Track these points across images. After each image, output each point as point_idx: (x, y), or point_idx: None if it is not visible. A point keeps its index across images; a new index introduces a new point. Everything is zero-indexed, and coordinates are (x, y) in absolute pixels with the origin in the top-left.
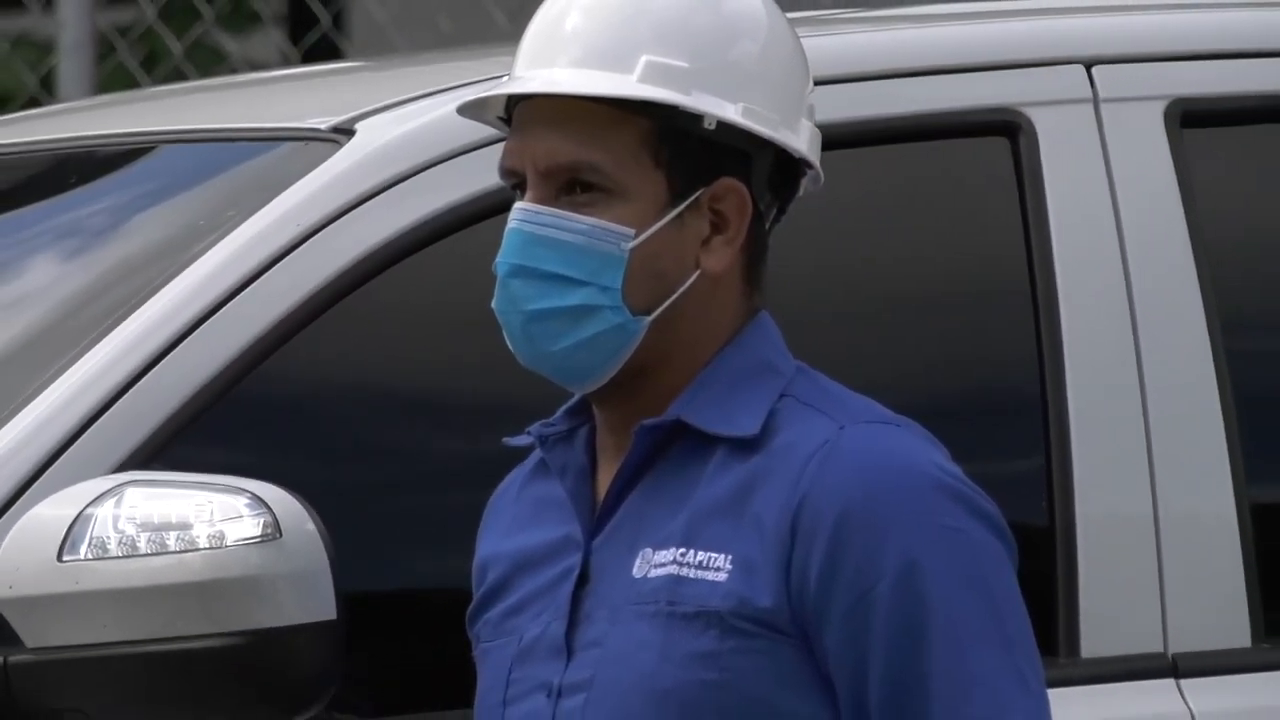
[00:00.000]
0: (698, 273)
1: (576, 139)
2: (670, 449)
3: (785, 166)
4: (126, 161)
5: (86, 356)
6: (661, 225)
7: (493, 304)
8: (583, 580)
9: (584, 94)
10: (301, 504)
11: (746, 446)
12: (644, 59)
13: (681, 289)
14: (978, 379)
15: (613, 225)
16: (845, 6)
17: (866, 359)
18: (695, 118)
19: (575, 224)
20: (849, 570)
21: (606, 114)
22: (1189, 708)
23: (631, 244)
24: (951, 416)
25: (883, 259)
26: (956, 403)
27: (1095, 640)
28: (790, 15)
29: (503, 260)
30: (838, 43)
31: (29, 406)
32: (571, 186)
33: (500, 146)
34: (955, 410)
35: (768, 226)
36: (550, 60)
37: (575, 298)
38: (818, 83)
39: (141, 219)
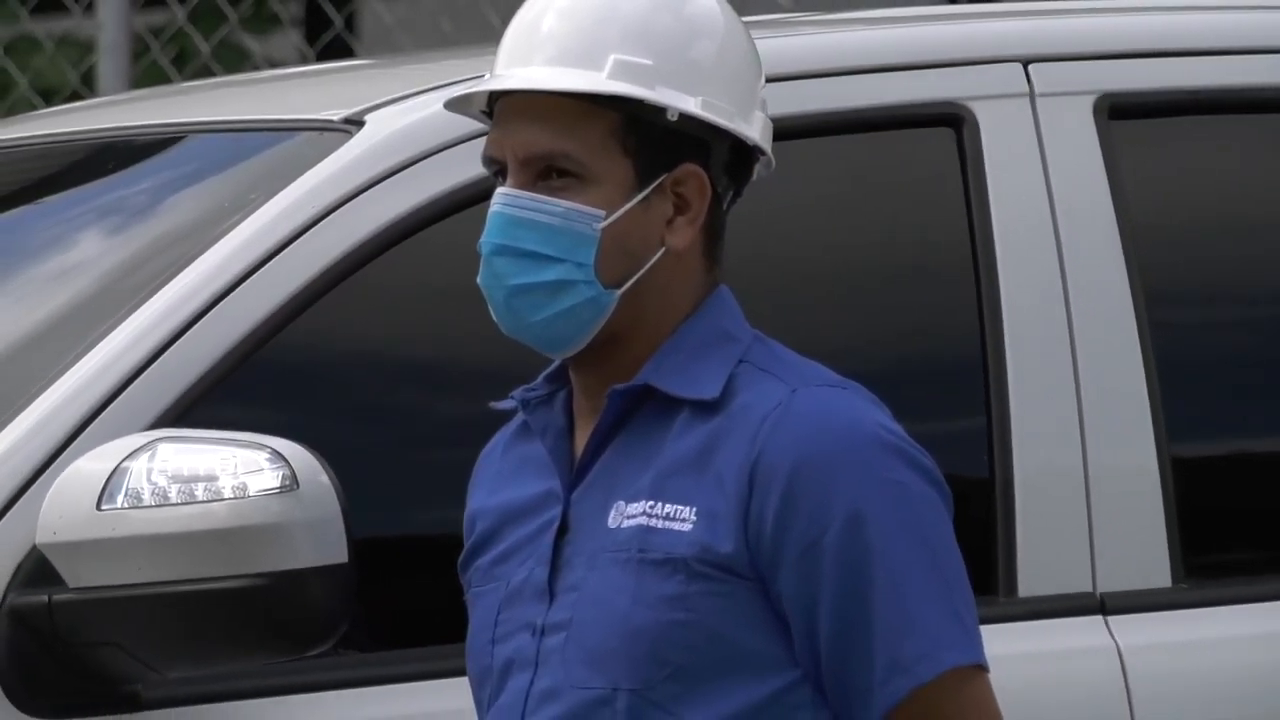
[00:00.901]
0: (662, 250)
1: (552, 130)
2: (639, 411)
3: (740, 153)
4: (159, 149)
5: (123, 325)
6: (629, 207)
7: (478, 279)
8: (562, 530)
9: (558, 90)
10: (316, 458)
11: (708, 408)
12: (613, 58)
13: (648, 264)
14: (926, 347)
15: (585, 208)
16: (803, 10)
17: (825, 329)
18: (659, 110)
19: (551, 207)
20: (801, 520)
21: (579, 107)
22: (1115, 641)
23: (602, 224)
24: (903, 382)
25: (840, 237)
26: (907, 369)
27: (1031, 581)
28: (752, 18)
29: (486, 240)
30: (799, 43)
31: (71, 370)
32: (548, 173)
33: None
34: (906, 376)
35: (725, 207)
36: (527, 59)
37: (552, 273)
38: (783, 80)
39: (172, 201)
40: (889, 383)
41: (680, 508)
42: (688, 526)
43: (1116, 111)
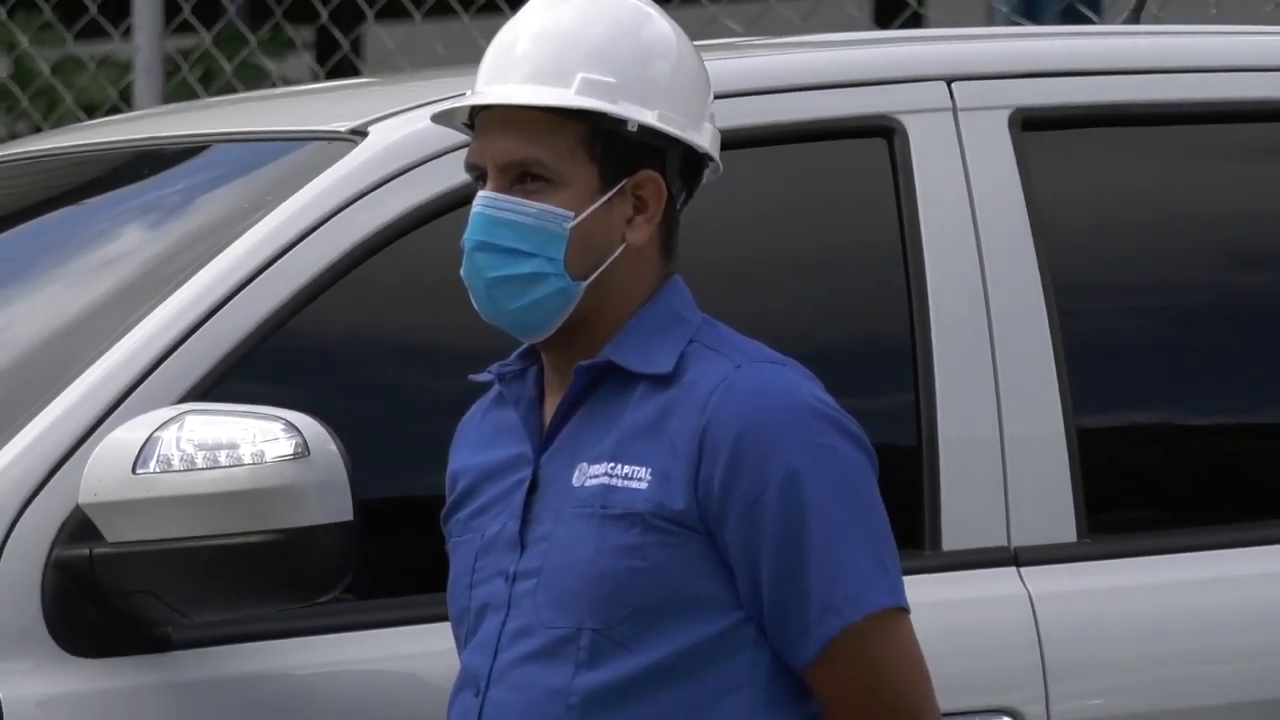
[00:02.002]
0: (623, 245)
1: (526, 140)
2: (602, 384)
3: (692, 160)
4: (188, 157)
5: (155, 312)
6: (594, 208)
7: (461, 272)
8: (533, 488)
9: (532, 104)
10: (325, 428)
11: (662, 382)
12: (580, 76)
13: (611, 258)
14: (862, 330)
15: (556, 209)
16: (754, 35)
17: (773, 314)
18: (621, 122)
19: (526, 208)
20: (744, 480)
21: (550, 120)
22: (1027, 590)
23: (571, 224)
24: (842, 361)
25: (786, 234)
26: (845, 350)
27: (953, 536)
28: (708, 41)
29: (469, 237)
30: (750, 63)
31: (110, 351)
32: (523, 178)
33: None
34: (844, 356)
35: (679, 207)
36: (504, 77)
37: (527, 267)
38: (736, 96)
39: (198, 202)
40: (830, 362)
41: (638, 469)
42: (644, 485)
43: (1029, 124)
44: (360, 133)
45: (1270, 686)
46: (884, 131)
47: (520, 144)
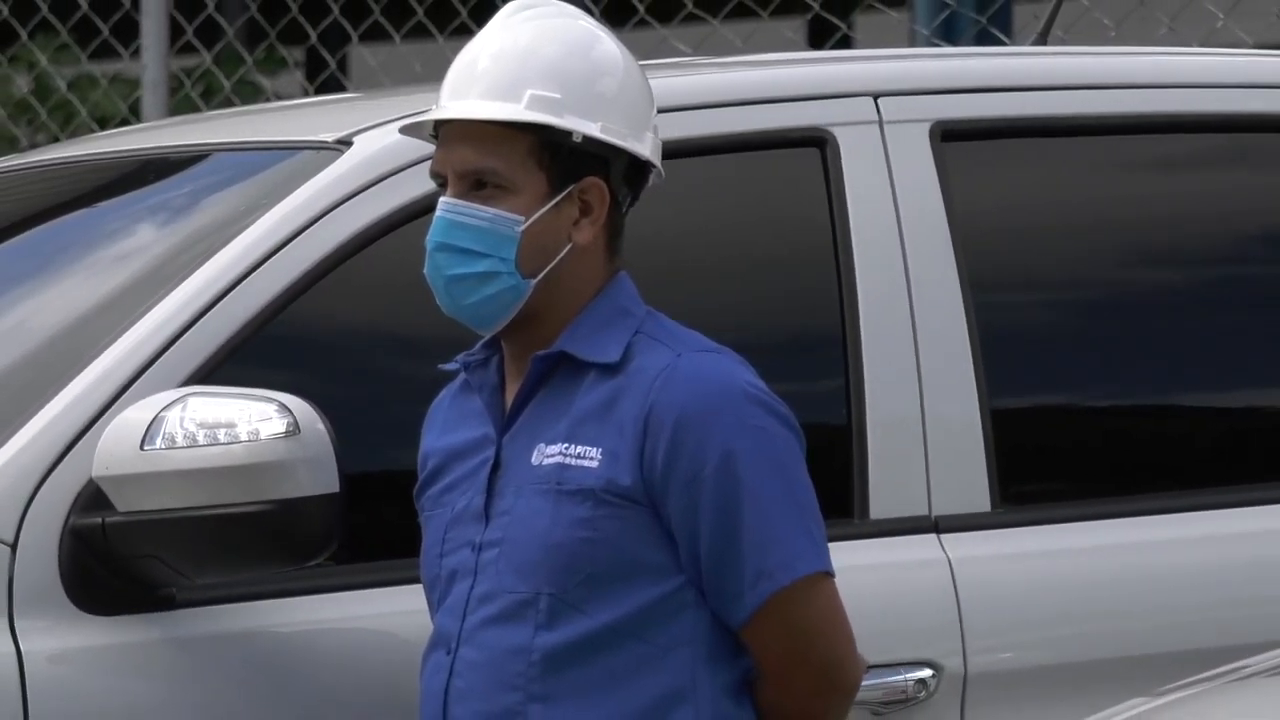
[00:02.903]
0: (570, 245)
1: (481, 150)
2: (556, 372)
3: (636, 167)
4: (190, 164)
5: (161, 304)
6: (543, 212)
7: (424, 270)
8: (496, 467)
9: (485, 118)
10: (314, 409)
11: (611, 370)
12: (529, 92)
13: (559, 258)
14: (796, 322)
15: (508, 214)
16: (699, 55)
17: (717, 309)
18: (567, 133)
19: (481, 213)
20: (684, 458)
21: (502, 132)
22: (946, 554)
23: (522, 227)
24: (779, 350)
25: (729, 234)
26: (782, 340)
27: (880, 506)
28: (658, 60)
29: (430, 238)
30: (695, 80)
31: (121, 339)
32: (479, 184)
33: None
34: (782, 345)
35: (624, 210)
36: (465, 93)
37: (482, 266)
38: (683, 110)
39: (200, 205)
40: (768, 351)
41: (589, 449)
42: (595, 464)
43: (948, 135)
44: (345, 143)
45: (1164, 641)
46: (817, 142)
47: (476, 154)
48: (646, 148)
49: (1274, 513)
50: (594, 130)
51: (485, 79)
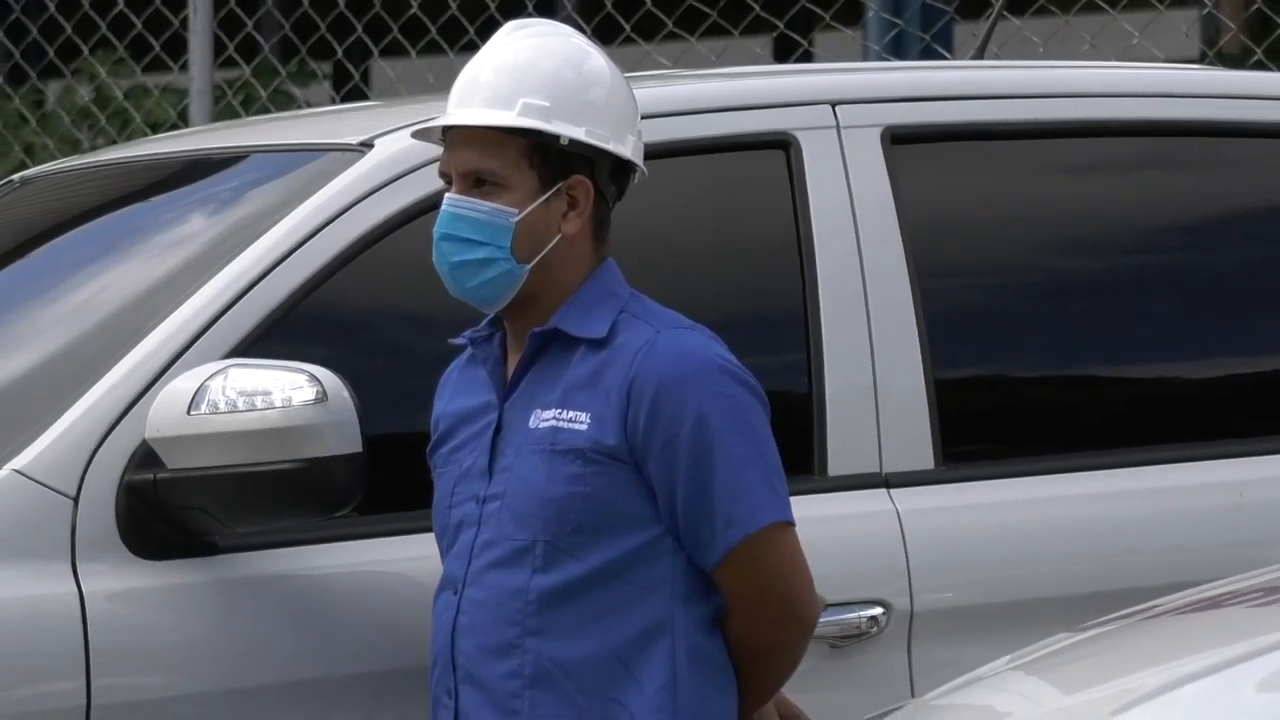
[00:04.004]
0: (560, 235)
1: (481, 153)
2: (551, 346)
3: (621, 166)
4: (231, 164)
5: (206, 286)
6: (535, 206)
7: (433, 258)
8: (498, 430)
9: (484, 124)
10: (340, 379)
11: (598, 344)
12: (521, 101)
13: (549, 246)
14: (765, 305)
15: (504, 207)
16: (679, 69)
17: (694, 292)
18: (555, 136)
19: (480, 206)
20: (663, 422)
21: (499, 136)
22: (895, 506)
23: (516, 219)
24: (750, 329)
25: (705, 226)
26: (753, 320)
27: (837, 464)
28: (641, 73)
29: (437, 230)
30: (675, 90)
31: (170, 318)
32: (480, 182)
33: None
34: (752, 325)
35: (610, 204)
36: (468, 102)
37: (481, 253)
38: (664, 116)
39: (240, 199)
40: (740, 329)
41: (579, 414)
42: (585, 427)
43: (897, 139)
44: (368, 145)
45: (1086, 583)
46: (782, 145)
47: (476, 156)
48: (628, 149)
49: (1183, 470)
50: (579, 134)
51: (486, 90)
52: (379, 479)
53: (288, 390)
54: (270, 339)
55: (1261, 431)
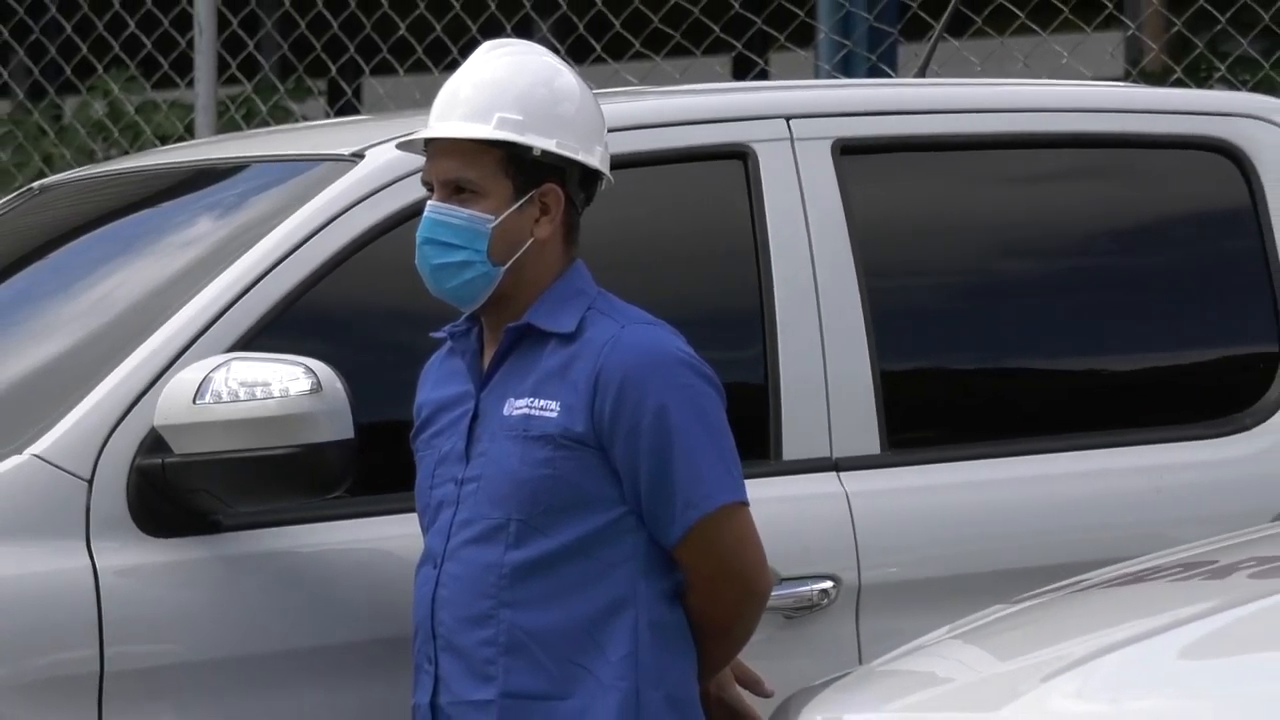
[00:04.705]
0: (533, 239)
1: (460, 163)
2: (524, 341)
3: (589, 174)
4: (234, 173)
5: (210, 285)
6: (509, 213)
7: (415, 261)
8: (475, 417)
9: (462, 137)
10: (333, 371)
11: (568, 338)
12: (497, 115)
13: (523, 249)
14: (725, 302)
15: (480, 214)
16: (645, 85)
17: (659, 292)
18: (528, 148)
19: (459, 213)
20: (626, 411)
21: (476, 147)
22: (844, 488)
23: (492, 225)
24: (711, 326)
25: (670, 230)
26: (713, 316)
27: (791, 449)
28: (610, 90)
29: (420, 234)
30: (643, 104)
31: (177, 314)
32: (459, 190)
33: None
34: (713, 322)
35: (580, 210)
36: (447, 116)
37: (459, 256)
38: (632, 129)
39: (242, 206)
40: (703, 325)
41: (550, 402)
42: (554, 414)
43: (846, 150)
44: (359, 155)
45: (1019, 559)
46: (741, 156)
47: (456, 166)
48: (596, 159)
49: (1108, 455)
50: (551, 145)
51: (465, 105)
52: (368, 463)
53: (285, 381)
54: (269, 334)
55: (1179, 420)
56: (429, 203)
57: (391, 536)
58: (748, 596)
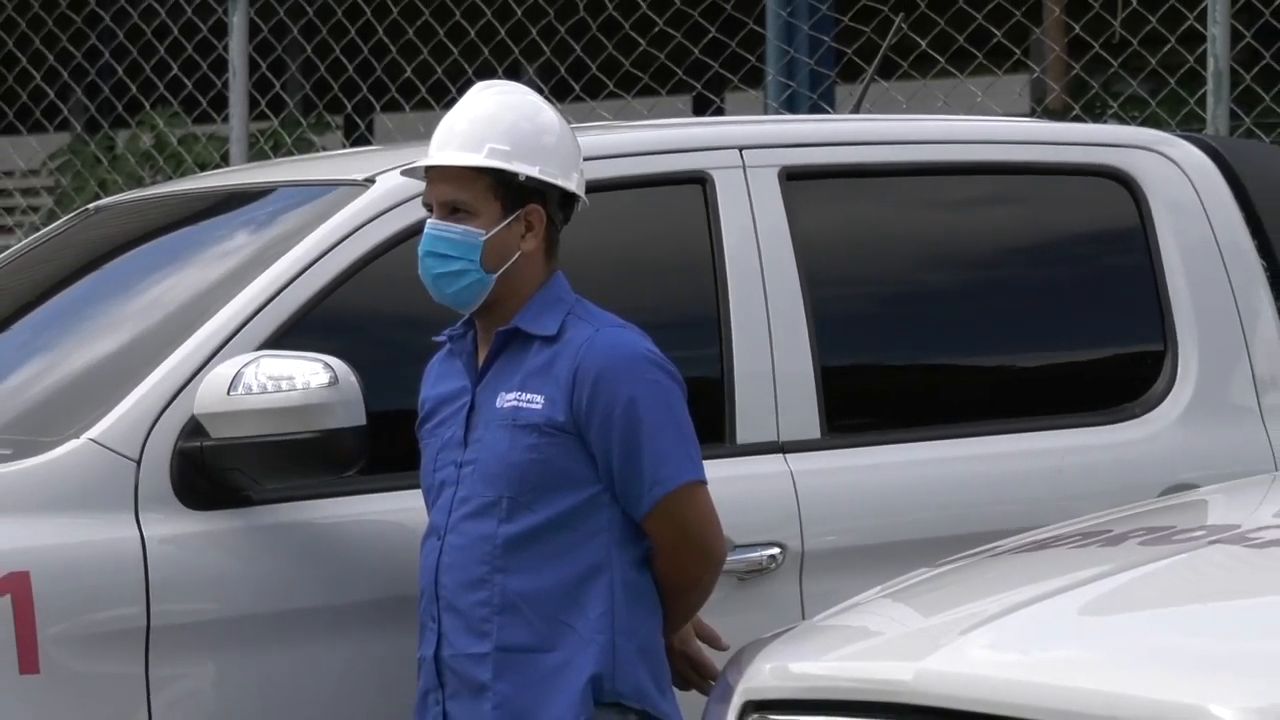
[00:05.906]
0: (519, 252)
1: (455, 187)
2: (512, 342)
3: (567, 197)
4: (261, 195)
5: (241, 293)
6: (499, 229)
7: (418, 271)
8: (472, 409)
9: (458, 164)
10: (349, 367)
11: (550, 340)
12: (487, 145)
13: (511, 260)
14: (686, 311)
15: (474, 230)
16: (618, 120)
17: (630, 300)
18: (515, 174)
19: (455, 229)
20: (601, 403)
21: (469, 173)
22: (789, 467)
23: (484, 239)
24: (674, 329)
25: (636, 247)
26: (676, 322)
27: (744, 434)
28: (586, 124)
29: (421, 248)
30: (613, 137)
31: (214, 318)
32: (455, 211)
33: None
34: (675, 326)
35: (560, 227)
36: (445, 146)
37: (456, 266)
38: (605, 158)
39: (270, 224)
40: (667, 329)
41: (535, 396)
42: (539, 406)
43: (791, 177)
44: (371, 181)
45: (943, 529)
46: (700, 181)
47: (452, 189)
48: (573, 184)
49: (1016, 439)
50: (534, 172)
51: (460, 137)
52: (379, 446)
53: (307, 375)
54: (293, 335)
55: (1078, 409)
56: (429, 221)
57: (399, 510)
58: (706, 562)
